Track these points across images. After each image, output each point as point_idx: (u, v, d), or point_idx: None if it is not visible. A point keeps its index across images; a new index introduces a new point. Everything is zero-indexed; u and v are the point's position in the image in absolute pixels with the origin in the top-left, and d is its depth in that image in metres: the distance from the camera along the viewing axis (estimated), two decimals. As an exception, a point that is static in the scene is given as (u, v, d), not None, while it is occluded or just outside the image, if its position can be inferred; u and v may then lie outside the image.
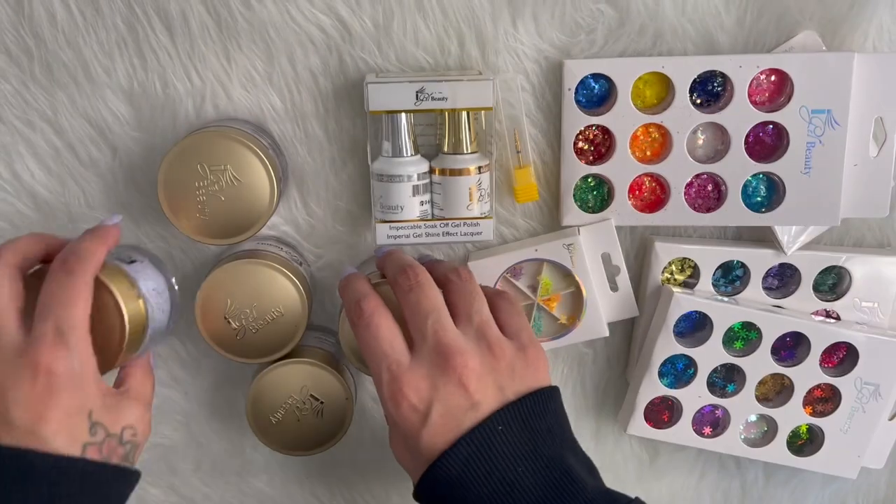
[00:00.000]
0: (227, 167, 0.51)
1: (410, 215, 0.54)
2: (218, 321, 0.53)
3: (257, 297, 0.53)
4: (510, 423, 0.44)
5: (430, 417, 0.43)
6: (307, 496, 0.67)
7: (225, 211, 0.51)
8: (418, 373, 0.44)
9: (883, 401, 0.60)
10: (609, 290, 0.60)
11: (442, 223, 0.54)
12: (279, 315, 0.53)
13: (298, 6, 0.53)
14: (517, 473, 0.42)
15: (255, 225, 0.52)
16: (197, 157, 0.50)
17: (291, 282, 0.53)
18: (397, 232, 0.54)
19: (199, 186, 0.51)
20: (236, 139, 0.50)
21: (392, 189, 0.53)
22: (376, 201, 0.54)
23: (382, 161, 0.53)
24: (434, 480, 0.44)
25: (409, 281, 0.47)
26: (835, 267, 0.60)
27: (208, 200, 0.51)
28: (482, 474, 0.43)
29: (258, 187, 0.51)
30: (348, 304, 0.49)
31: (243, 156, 0.51)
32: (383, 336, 0.46)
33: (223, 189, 0.51)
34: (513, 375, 0.45)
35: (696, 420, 0.62)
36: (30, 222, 0.57)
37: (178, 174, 0.51)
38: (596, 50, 0.55)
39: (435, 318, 0.46)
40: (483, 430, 0.43)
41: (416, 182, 0.53)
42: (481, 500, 0.42)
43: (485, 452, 0.43)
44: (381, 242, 0.54)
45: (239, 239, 0.52)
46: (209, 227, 0.52)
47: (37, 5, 0.53)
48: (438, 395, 0.44)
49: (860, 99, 0.54)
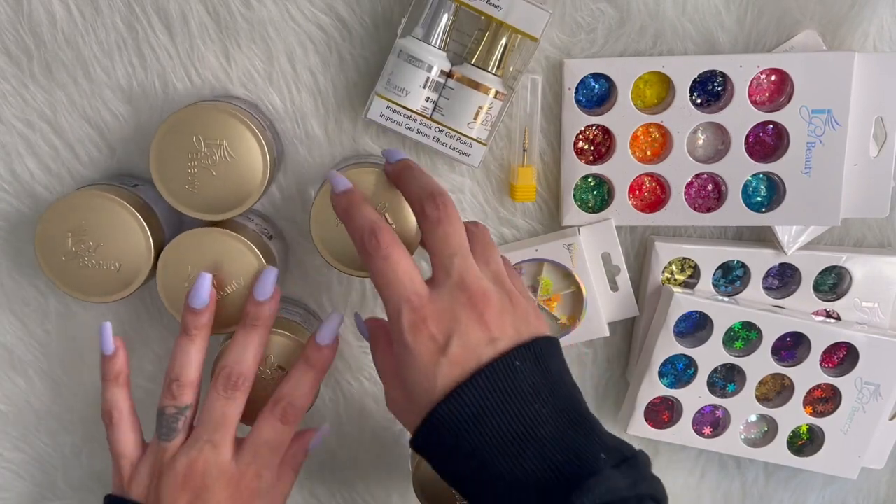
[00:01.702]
0: (223, 142, 0.50)
1: (412, 105, 0.52)
2: (178, 289, 0.52)
3: (217, 268, 0.52)
4: (525, 360, 0.44)
5: (450, 348, 0.43)
6: (307, 496, 0.67)
7: (214, 186, 0.50)
8: (440, 305, 0.44)
9: (883, 401, 0.60)
10: (609, 290, 0.60)
11: (438, 127, 0.53)
12: (238, 287, 0.52)
13: (298, 5, 0.53)
14: (534, 410, 0.42)
15: (241, 204, 0.51)
16: (194, 128, 0.49)
17: (255, 255, 0.52)
18: (392, 114, 0.52)
19: (192, 158, 0.50)
20: (235, 115, 0.50)
21: (407, 70, 0.51)
22: (385, 76, 0.52)
23: (410, 40, 0.52)
24: (446, 416, 0.43)
25: (437, 212, 0.46)
26: (835, 267, 0.60)
27: (199, 173, 0.50)
28: (498, 408, 0.42)
29: (251, 167, 0.50)
30: (359, 231, 0.47)
31: (240, 133, 0.50)
32: (403, 270, 0.45)
33: (216, 164, 0.50)
34: (527, 321, 0.46)
35: (696, 420, 0.62)
36: (30, 222, 0.57)
37: (173, 143, 0.49)
38: (596, 49, 0.55)
39: (462, 256, 0.45)
40: (502, 365, 0.43)
41: (431, 75, 0.52)
42: (497, 434, 0.42)
43: (502, 386, 0.43)
44: (372, 117, 0.52)
45: (224, 216, 0.51)
46: (196, 200, 0.50)
47: (36, 5, 0.53)
48: (459, 328, 0.44)
49: (860, 99, 0.54)
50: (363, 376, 0.63)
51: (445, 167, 0.57)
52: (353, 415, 0.64)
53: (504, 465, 0.41)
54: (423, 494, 0.57)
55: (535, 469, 0.41)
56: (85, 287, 0.51)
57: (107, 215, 0.51)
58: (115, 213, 0.51)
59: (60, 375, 0.62)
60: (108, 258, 0.51)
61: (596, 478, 0.40)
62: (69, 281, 0.51)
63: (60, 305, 0.60)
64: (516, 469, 0.41)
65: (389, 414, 0.63)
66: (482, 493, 0.43)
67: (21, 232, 0.58)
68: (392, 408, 0.48)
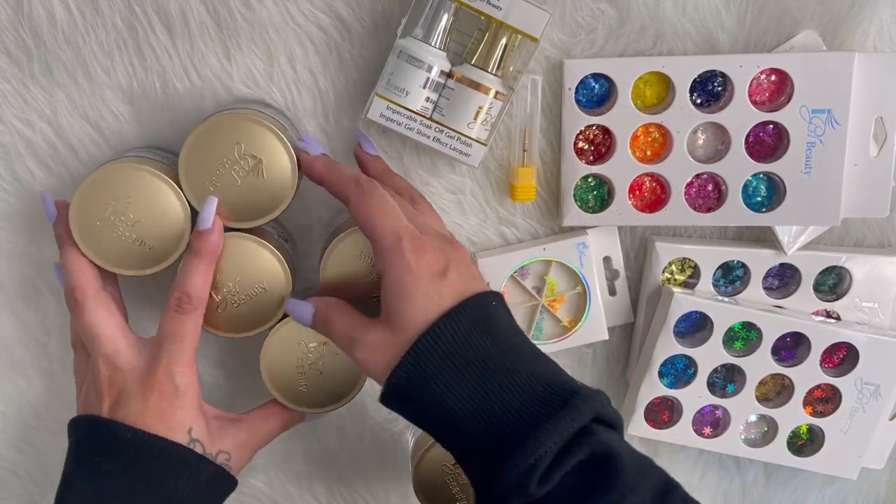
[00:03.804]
0: (262, 161, 0.50)
1: (412, 105, 0.52)
2: None
3: (240, 272, 0.52)
4: (500, 305, 0.47)
5: (448, 274, 0.46)
6: (306, 496, 0.67)
7: (233, 194, 0.50)
8: (432, 243, 0.47)
9: (883, 401, 0.60)
10: (608, 295, 0.60)
11: (438, 127, 0.53)
12: (262, 290, 0.53)
13: (298, 5, 0.53)
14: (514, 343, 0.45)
15: (256, 219, 0.51)
16: (237, 136, 0.50)
17: (276, 256, 0.52)
18: (392, 114, 0.52)
19: (224, 162, 0.50)
20: (283, 137, 0.50)
21: (407, 70, 0.51)
22: (385, 76, 0.52)
23: (410, 41, 0.52)
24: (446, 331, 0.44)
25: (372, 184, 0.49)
26: (835, 267, 0.60)
27: (223, 176, 0.50)
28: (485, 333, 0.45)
29: (275, 191, 0.51)
30: (347, 178, 0.49)
31: (279, 157, 0.50)
32: (394, 205, 0.47)
33: (244, 176, 0.50)
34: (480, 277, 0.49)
35: (696, 420, 0.62)
36: (29, 222, 0.57)
37: (212, 142, 0.50)
38: (596, 49, 0.55)
39: (433, 218, 0.52)
40: (485, 298, 0.46)
41: (432, 75, 0.52)
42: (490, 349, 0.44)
43: (489, 317, 0.45)
44: (372, 117, 0.52)
45: (234, 225, 0.51)
46: None
47: (36, 5, 0.53)
48: (453, 260, 0.46)
49: (860, 99, 0.54)
50: (363, 376, 0.63)
51: (445, 167, 0.57)
52: (353, 415, 0.64)
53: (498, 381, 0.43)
54: (422, 494, 0.57)
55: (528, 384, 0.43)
56: (107, 255, 0.51)
57: (156, 196, 0.50)
58: (165, 198, 0.50)
59: (60, 375, 0.62)
60: (144, 236, 0.51)
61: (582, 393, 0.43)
62: (93, 245, 0.51)
63: (60, 305, 0.60)
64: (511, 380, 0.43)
65: (389, 414, 0.64)
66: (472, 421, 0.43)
67: (21, 232, 0.58)
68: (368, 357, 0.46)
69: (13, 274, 0.59)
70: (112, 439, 0.48)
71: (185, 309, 0.49)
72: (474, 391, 0.43)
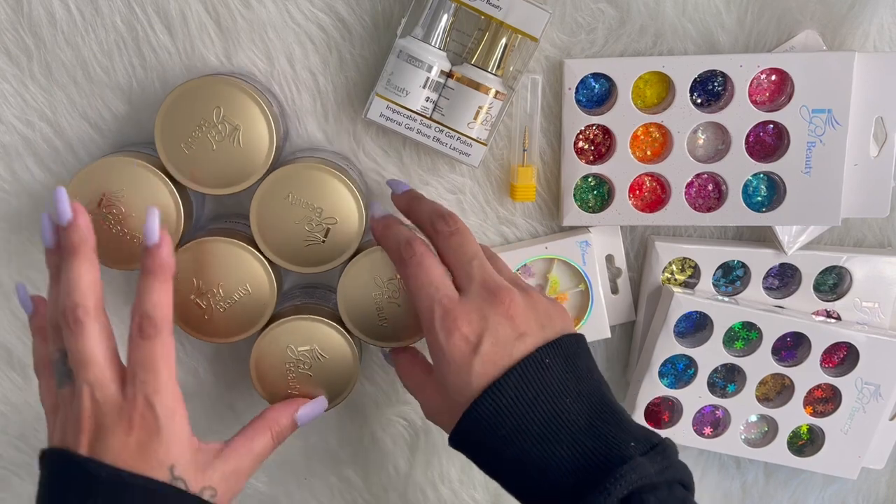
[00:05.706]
0: (240, 128, 0.50)
1: (412, 105, 0.52)
2: (186, 302, 0.52)
3: (223, 277, 0.52)
4: (555, 357, 0.47)
5: (482, 347, 0.46)
6: (306, 496, 0.67)
7: (207, 160, 0.50)
8: (469, 306, 0.47)
9: (883, 401, 0.60)
10: (610, 293, 0.60)
11: (438, 127, 0.53)
12: (246, 293, 0.52)
13: (298, 5, 0.53)
14: (564, 404, 0.45)
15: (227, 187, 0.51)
16: (217, 100, 0.49)
17: (257, 258, 0.52)
18: (392, 114, 0.52)
19: (202, 125, 0.49)
20: (264, 107, 0.50)
21: (407, 70, 0.51)
22: (385, 76, 0.52)
23: (410, 41, 0.52)
24: (483, 412, 0.45)
25: (449, 227, 0.50)
26: (835, 267, 0.60)
27: (199, 139, 0.50)
28: (531, 402, 0.45)
29: (250, 160, 0.50)
30: (395, 243, 0.50)
31: (257, 123, 0.50)
32: (435, 273, 0.48)
33: (220, 140, 0.50)
34: (550, 318, 0.48)
35: (696, 420, 0.62)
36: (29, 222, 0.57)
37: (192, 102, 0.49)
38: (596, 49, 0.55)
39: (479, 260, 0.49)
40: (532, 361, 0.46)
41: (431, 75, 0.52)
42: (531, 426, 0.45)
43: (534, 382, 0.46)
44: (372, 117, 0.52)
45: (203, 191, 0.51)
46: (187, 165, 0.50)
47: (36, 5, 0.52)
48: (489, 325, 0.46)
49: (861, 99, 0.54)
50: (363, 377, 0.63)
51: (445, 167, 0.57)
52: (353, 415, 0.64)
53: (538, 453, 0.44)
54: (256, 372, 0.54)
55: (568, 456, 0.44)
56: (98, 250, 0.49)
57: (149, 191, 0.50)
58: (159, 192, 0.50)
59: (60, 375, 0.62)
60: (134, 231, 0.51)
61: (627, 464, 0.43)
62: None
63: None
64: (550, 457, 0.44)
65: (390, 414, 0.64)
66: (518, 482, 0.46)
67: (21, 232, 0.58)
68: (427, 414, 0.51)
69: (13, 274, 0.59)
70: (87, 478, 0.44)
71: (149, 334, 0.45)
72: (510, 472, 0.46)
